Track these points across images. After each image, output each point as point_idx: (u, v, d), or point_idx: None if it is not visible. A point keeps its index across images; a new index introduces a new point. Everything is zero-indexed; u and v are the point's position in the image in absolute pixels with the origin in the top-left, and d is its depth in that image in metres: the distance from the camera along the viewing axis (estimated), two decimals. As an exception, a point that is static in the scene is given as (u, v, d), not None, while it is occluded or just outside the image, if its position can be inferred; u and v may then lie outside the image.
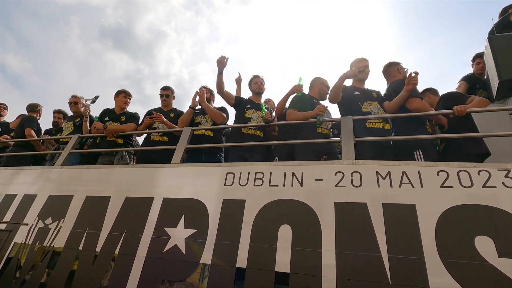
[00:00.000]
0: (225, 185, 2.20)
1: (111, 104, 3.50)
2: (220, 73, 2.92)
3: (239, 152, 2.63)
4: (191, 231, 2.07)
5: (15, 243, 2.54)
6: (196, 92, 2.99)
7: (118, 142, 3.06)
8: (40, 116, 4.00)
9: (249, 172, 2.20)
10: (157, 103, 4.21)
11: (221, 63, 2.89)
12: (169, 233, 2.12)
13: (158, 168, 2.54)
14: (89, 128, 3.23)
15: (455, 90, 3.11)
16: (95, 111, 4.27)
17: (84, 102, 3.26)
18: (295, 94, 2.67)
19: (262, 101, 3.15)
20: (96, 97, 3.32)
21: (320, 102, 2.70)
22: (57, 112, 4.04)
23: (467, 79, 3.24)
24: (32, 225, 2.59)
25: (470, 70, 3.43)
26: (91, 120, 3.30)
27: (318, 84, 2.79)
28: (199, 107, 3.11)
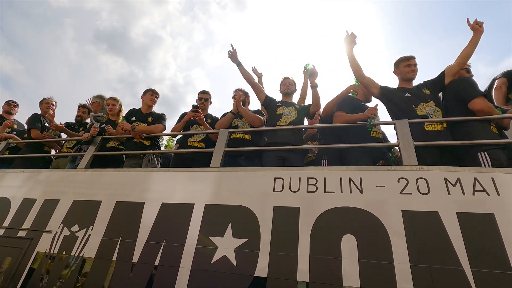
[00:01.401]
0: (274, 191, 2.06)
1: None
2: (239, 65, 2.88)
3: (277, 152, 2.49)
4: (241, 241, 1.92)
5: (38, 252, 2.34)
6: (234, 95, 2.87)
7: (145, 144, 2.89)
8: (48, 109, 3.79)
9: (299, 178, 2.07)
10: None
11: (233, 57, 2.86)
12: (216, 243, 1.96)
13: (196, 172, 2.39)
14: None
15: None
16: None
17: (92, 120, 3.07)
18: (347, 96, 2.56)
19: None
20: (101, 117, 3.15)
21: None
22: (82, 106, 3.84)
23: (508, 75, 2.82)
24: (57, 232, 2.40)
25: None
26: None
27: (362, 86, 2.69)
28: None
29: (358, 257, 1.66)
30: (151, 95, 3.14)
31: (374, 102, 2.75)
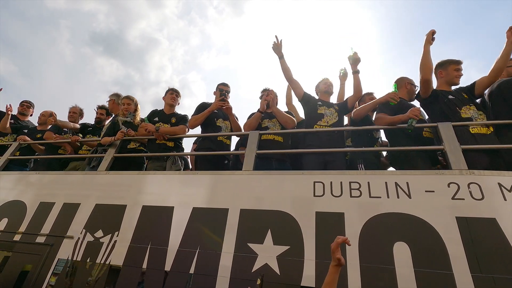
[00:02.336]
0: (314, 195, 1.98)
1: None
2: (281, 58, 2.75)
3: (320, 156, 2.39)
4: (283, 248, 1.83)
5: (59, 259, 2.21)
6: (267, 94, 2.77)
7: (169, 145, 2.79)
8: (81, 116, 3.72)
9: (341, 182, 1.98)
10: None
11: (277, 49, 2.72)
12: (255, 250, 1.86)
13: (228, 175, 2.30)
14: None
15: None
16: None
17: (121, 125, 2.93)
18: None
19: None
20: (128, 122, 3.01)
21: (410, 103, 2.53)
22: (100, 108, 3.71)
23: None
24: (79, 238, 2.27)
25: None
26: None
27: (406, 84, 2.63)
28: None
29: (413, 266, 1.58)
30: (171, 94, 3.03)
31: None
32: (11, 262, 2.32)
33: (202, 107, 2.93)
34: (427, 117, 2.54)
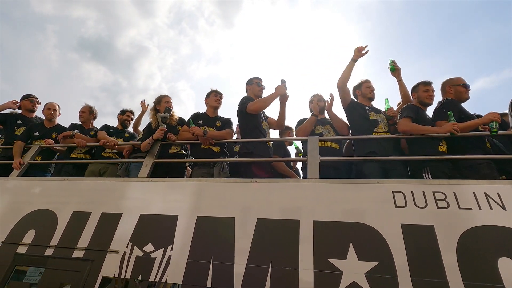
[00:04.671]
0: (396, 206, 1.84)
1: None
2: (354, 61, 2.58)
3: (381, 163, 2.27)
4: (371, 265, 1.67)
5: (103, 276, 1.97)
6: (318, 99, 2.65)
7: (215, 150, 2.60)
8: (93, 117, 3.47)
9: (423, 192, 1.86)
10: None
11: (359, 52, 2.56)
12: (339, 267, 1.70)
13: (292, 183, 2.13)
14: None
15: None
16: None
17: (159, 122, 2.70)
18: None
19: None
20: (166, 118, 2.79)
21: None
22: (130, 111, 3.48)
23: None
24: (125, 253, 2.04)
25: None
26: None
27: (449, 87, 2.54)
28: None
29: (525, 285, 1.46)
30: (215, 95, 2.86)
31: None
32: (44, 280, 2.05)
33: (248, 98, 2.76)
34: None
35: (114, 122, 3.61)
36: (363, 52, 2.55)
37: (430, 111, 2.64)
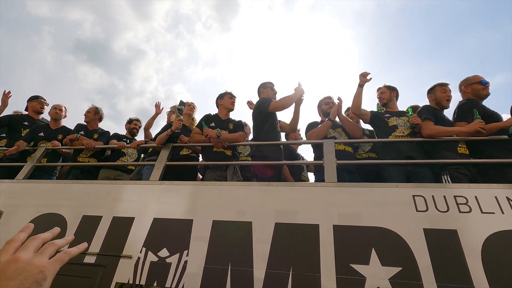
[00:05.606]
0: (417, 210, 1.82)
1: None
2: (361, 86, 2.60)
3: (403, 167, 2.25)
4: (395, 270, 1.64)
5: (117, 282, 1.91)
6: (337, 102, 2.63)
7: (227, 154, 2.56)
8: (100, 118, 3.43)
9: (444, 196, 1.85)
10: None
11: (364, 77, 2.57)
12: (362, 272, 1.67)
13: (309, 187, 2.11)
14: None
15: None
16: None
17: (177, 113, 2.66)
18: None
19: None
20: (181, 110, 2.75)
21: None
22: (137, 120, 3.46)
23: None
24: (139, 258, 1.98)
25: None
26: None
27: (466, 87, 2.52)
28: None
29: (554, 290, 1.44)
30: (230, 98, 2.82)
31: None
32: (54, 287, 1.98)
33: (267, 99, 2.75)
34: None
35: (109, 125, 3.59)
36: (368, 78, 2.60)
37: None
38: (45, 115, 3.58)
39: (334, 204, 1.98)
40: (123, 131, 3.56)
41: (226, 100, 2.84)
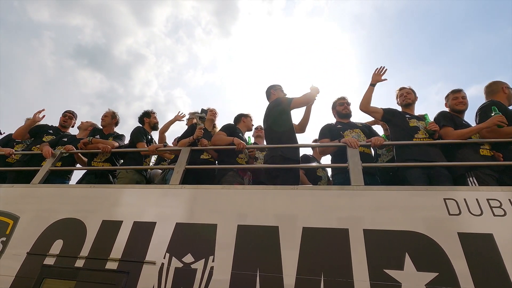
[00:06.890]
0: (450, 214, 1.79)
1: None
2: (372, 85, 2.60)
3: (425, 170, 2.22)
4: (431, 275, 1.60)
5: (141, 289, 1.86)
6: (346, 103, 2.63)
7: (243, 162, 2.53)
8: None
9: (476, 199, 1.81)
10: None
11: (378, 76, 2.57)
12: (396, 278, 1.63)
13: (335, 190, 2.07)
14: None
15: None
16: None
17: (198, 121, 2.64)
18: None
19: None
20: (203, 118, 2.73)
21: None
22: (152, 112, 3.44)
23: None
24: (163, 264, 1.94)
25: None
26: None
27: (504, 88, 2.51)
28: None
29: None
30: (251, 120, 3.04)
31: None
32: (78, 294, 1.94)
33: (283, 98, 2.75)
34: None
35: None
36: (382, 75, 2.61)
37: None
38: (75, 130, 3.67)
39: (362, 208, 1.94)
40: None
41: (248, 120, 3.07)
